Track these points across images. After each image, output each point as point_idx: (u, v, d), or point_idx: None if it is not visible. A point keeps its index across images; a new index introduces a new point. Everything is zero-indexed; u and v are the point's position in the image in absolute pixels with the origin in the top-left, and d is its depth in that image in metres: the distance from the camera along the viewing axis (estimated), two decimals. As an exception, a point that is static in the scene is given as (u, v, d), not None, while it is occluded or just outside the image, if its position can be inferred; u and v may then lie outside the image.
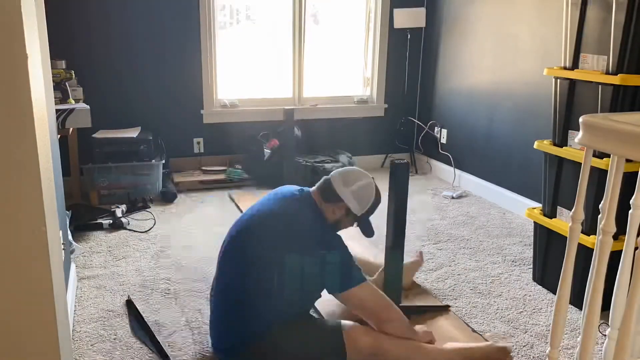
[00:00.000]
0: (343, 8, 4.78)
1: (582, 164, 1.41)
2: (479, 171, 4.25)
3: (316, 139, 4.63)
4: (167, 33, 4.16)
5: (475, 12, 4.17)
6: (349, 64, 4.89)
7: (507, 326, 2.39)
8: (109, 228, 3.38)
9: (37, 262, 1.31)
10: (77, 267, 2.83)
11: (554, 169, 2.64)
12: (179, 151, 4.38)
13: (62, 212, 2.43)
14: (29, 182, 1.25)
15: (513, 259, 3.09)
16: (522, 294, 2.69)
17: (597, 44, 2.39)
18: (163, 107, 4.28)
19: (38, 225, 1.28)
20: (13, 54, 1.18)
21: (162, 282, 2.71)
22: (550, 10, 3.45)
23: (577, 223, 1.45)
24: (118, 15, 4.02)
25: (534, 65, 3.62)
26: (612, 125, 1.28)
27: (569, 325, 2.39)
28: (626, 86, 2.27)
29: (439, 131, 4.69)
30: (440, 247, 3.24)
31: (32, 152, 1.25)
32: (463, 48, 4.34)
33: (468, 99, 4.33)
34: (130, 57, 4.12)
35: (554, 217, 2.66)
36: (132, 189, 3.84)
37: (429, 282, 2.78)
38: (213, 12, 4.26)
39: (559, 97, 2.59)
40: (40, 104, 1.43)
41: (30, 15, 1.38)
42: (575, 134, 2.38)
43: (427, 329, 2.15)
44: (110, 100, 4.11)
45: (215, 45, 4.34)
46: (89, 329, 2.30)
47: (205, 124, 4.42)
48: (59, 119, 3.21)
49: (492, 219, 3.73)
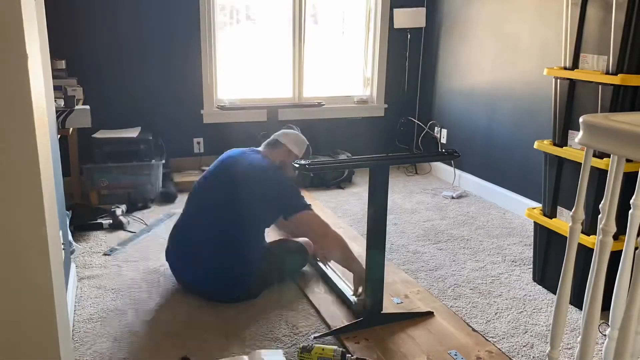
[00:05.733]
0: (343, 8, 4.78)
1: (582, 164, 1.41)
2: (479, 171, 4.25)
3: (316, 139, 4.62)
4: (167, 33, 4.16)
5: (475, 12, 4.18)
6: (349, 64, 4.89)
7: (507, 326, 2.39)
8: (109, 228, 3.38)
9: (37, 262, 1.30)
10: (77, 267, 2.83)
11: (554, 169, 2.64)
12: (179, 151, 4.38)
13: (62, 212, 2.43)
14: (29, 182, 1.25)
15: (513, 259, 3.09)
16: (522, 294, 2.69)
17: (597, 44, 2.39)
18: (163, 107, 4.28)
19: (38, 225, 1.28)
20: (13, 54, 1.18)
21: (162, 282, 2.71)
22: (550, 10, 3.45)
23: (577, 223, 1.45)
24: (118, 16, 4.02)
25: (534, 65, 3.62)
26: (612, 125, 1.28)
27: (569, 325, 2.39)
28: (626, 86, 2.27)
29: (439, 131, 4.69)
30: (440, 247, 3.24)
31: (32, 152, 1.25)
32: (463, 48, 4.34)
33: (468, 99, 4.33)
34: (130, 57, 4.12)
35: (554, 217, 2.66)
36: (132, 189, 3.84)
37: (429, 282, 2.78)
38: (213, 12, 4.26)
39: (559, 97, 2.59)
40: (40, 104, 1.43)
41: (30, 15, 1.38)
42: (575, 134, 2.39)
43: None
44: (110, 100, 4.11)
45: (215, 45, 4.34)
46: (89, 329, 2.30)
47: (205, 124, 4.43)
48: (59, 119, 3.21)
49: (492, 219, 3.73)
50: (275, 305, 2.52)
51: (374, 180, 2.23)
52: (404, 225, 3.57)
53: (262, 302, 2.54)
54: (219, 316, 2.41)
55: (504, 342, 2.28)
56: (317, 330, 2.33)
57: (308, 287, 2.69)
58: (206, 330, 2.30)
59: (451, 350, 2.19)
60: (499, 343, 2.26)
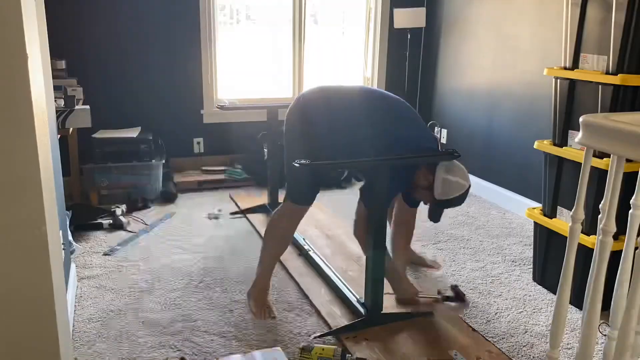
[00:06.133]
0: (343, 8, 4.78)
1: (582, 164, 1.41)
2: (479, 171, 4.25)
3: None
4: (167, 33, 4.16)
5: (475, 12, 4.17)
6: (349, 64, 4.89)
7: (507, 326, 2.39)
8: (109, 228, 3.38)
9: (37, 262, 1.30)
10: (77, 267, 2.83)
11: (554, 169, 2.64)
12: (179, 151, 4.38)
13: (62, 212, 2.43)
14: (29, 182, 1.25)
15: (513, 259, 3.09)
16: (522, 294, 2.69)
17: (597, 44, 2.39)
18: (163, 107, 4.28)
19: (38, 225, 1.28)
20: (13, 54, 1.18)
21: (162, 282, 2.71)
22: (550, 10, 3.45)
23: (577, 223, 1.45)
24: (118, 16, 4.02)
25: (534, 65, 3.62)
26: (612, 125, 1.28)
27: (569, 325, 2.39)
28: (626, 86, 2.27)
29: (439, 131, 4.69)
30: (441, 247, 3.24)
31: (32, 152, 1.25)
32: (463, 48, 4.34)
33: (468, 99, 4.33)
34: (130, 57, 4.12)
35: (554, 217, 2.66)
36: (132, 189, 3.84)
37: (430, 282, 2.78)
38: (213, 12, 4.26)
39: (559, 97, 2.59)
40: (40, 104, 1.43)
41: (30, 15, 1.38)
42: (575, 134, 2.38)
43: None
44: (110, 100, 4.11)
45: (215, 46, 4.34)
46: (89, 329, 2.30)
47: (205, 124, 4.42)
48: (59, 119, 3.21)
49: (492, 219, 3.73)
50: (276, 305, 2.52)
51: (374, 180, 2.23)
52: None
53: (262, 302, 2.54)
54: (219, 316, 2.41)
55: (504, 342, 2.28)
56: (317, 330, 2.33)
57: (308, 287, 2.69)
58: (206, 331, 2.30)
59: (451, 351, 2.19)
60: (499, 343, 2.26)
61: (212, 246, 3.13)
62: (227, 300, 2.55)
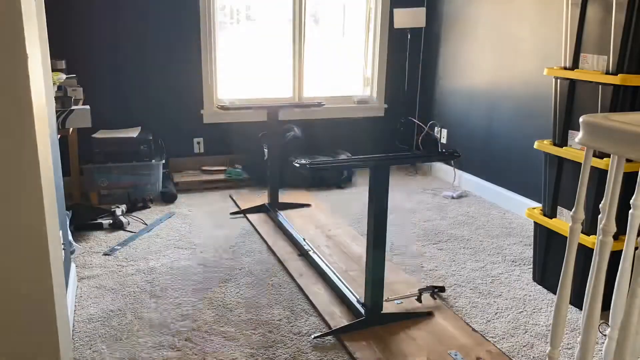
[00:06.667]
0: (343, 8, 4.78)
1: (582, 164, 1.41)
2: (479, 171, 4.25)
3: (316, 139, 4.63)
4: (167, 33, 4.16)
5: (475, 12, 4.18)
6: (349, 64, 4.89)
7: (507, 326, 2.39)
8: (109, 228, 3.38)
9: (37, 262, 1.31)
10: (77, 267, 2.83)
11: (554, 169, 2.64)
12: (179, 151, 4.38)
13: (62, 212, 2.43)
14: (29, 182, 1.25)
15: (513, 259, 3.09)
16: (522, 294, 2.69)
17: (597, 44, 2.39)
18: (163, 107, 4.28)
19: (38, 225, 1.28)
20: (13, 54, 1.18)
21: (162, 282, 2.71)
22: (550, 10, 3.45)
23: (578, 223, 1.45)
24: (118, 16, 4.02)
25: (534, 65, 3.62)
26: (612, 125, 1.28)
27: (569, 325, 2.39)
28: (626, 86, 2.27)
29: (439, 131, 4.69)
30: (441, 247, 3.24)
31: (32, 152, 1.25)
32: (463, 48, 4.34)
33: (468, 99, 4.33)
34: (130, 57, 4.12)
35: (554, 217, 2.66)
36: (132, 189, 3.84)
37: (430, 282, 2.78)
38: (213, 12, 4.26)
39: (559, 97, 2.59)
40: (40, 104, 1.43)
41: (30, 15, 1.38)
42: (575, 134, 2.39)
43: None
44: (110, 100, 4.11)
45: (215, 45, 4.34)
46: (89, 329, 2.30)
47: (205, 124, 4.43)
48: (59, 119, 3.21)
49: (492, 219, 3.73)
50: (276, 305, 2.52)
51: (374, 180, 2.23)
52: (404, 225, 3.57)
53: (262, 302, 2.54)
54: (219, 316, 2.41)
55: (504, 342, 2.28)
56: (317, 330, 2.33)
57: (308, 287, 2.69)
58: (206, 331, 2.30)
59: (451, 351, 2.19)
60: (499, 343, 2.27)
61: (212, 246, 3.13)
62: (227, 300, 2.55)
